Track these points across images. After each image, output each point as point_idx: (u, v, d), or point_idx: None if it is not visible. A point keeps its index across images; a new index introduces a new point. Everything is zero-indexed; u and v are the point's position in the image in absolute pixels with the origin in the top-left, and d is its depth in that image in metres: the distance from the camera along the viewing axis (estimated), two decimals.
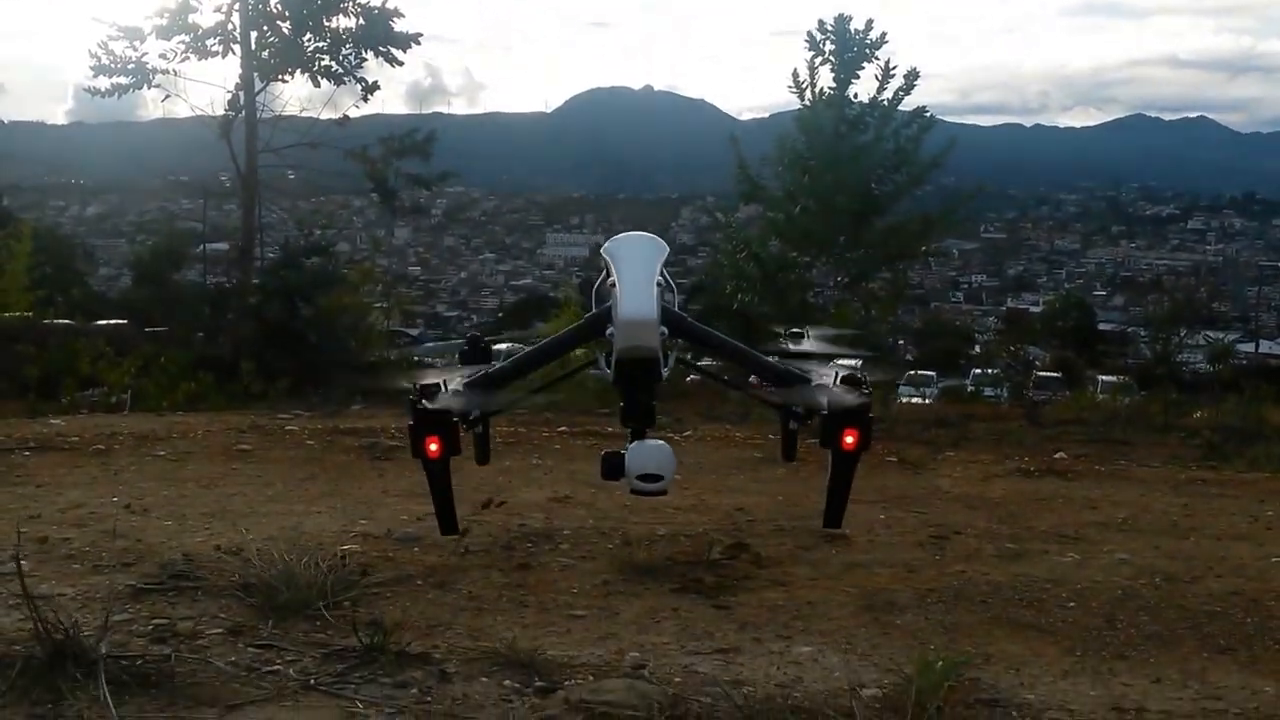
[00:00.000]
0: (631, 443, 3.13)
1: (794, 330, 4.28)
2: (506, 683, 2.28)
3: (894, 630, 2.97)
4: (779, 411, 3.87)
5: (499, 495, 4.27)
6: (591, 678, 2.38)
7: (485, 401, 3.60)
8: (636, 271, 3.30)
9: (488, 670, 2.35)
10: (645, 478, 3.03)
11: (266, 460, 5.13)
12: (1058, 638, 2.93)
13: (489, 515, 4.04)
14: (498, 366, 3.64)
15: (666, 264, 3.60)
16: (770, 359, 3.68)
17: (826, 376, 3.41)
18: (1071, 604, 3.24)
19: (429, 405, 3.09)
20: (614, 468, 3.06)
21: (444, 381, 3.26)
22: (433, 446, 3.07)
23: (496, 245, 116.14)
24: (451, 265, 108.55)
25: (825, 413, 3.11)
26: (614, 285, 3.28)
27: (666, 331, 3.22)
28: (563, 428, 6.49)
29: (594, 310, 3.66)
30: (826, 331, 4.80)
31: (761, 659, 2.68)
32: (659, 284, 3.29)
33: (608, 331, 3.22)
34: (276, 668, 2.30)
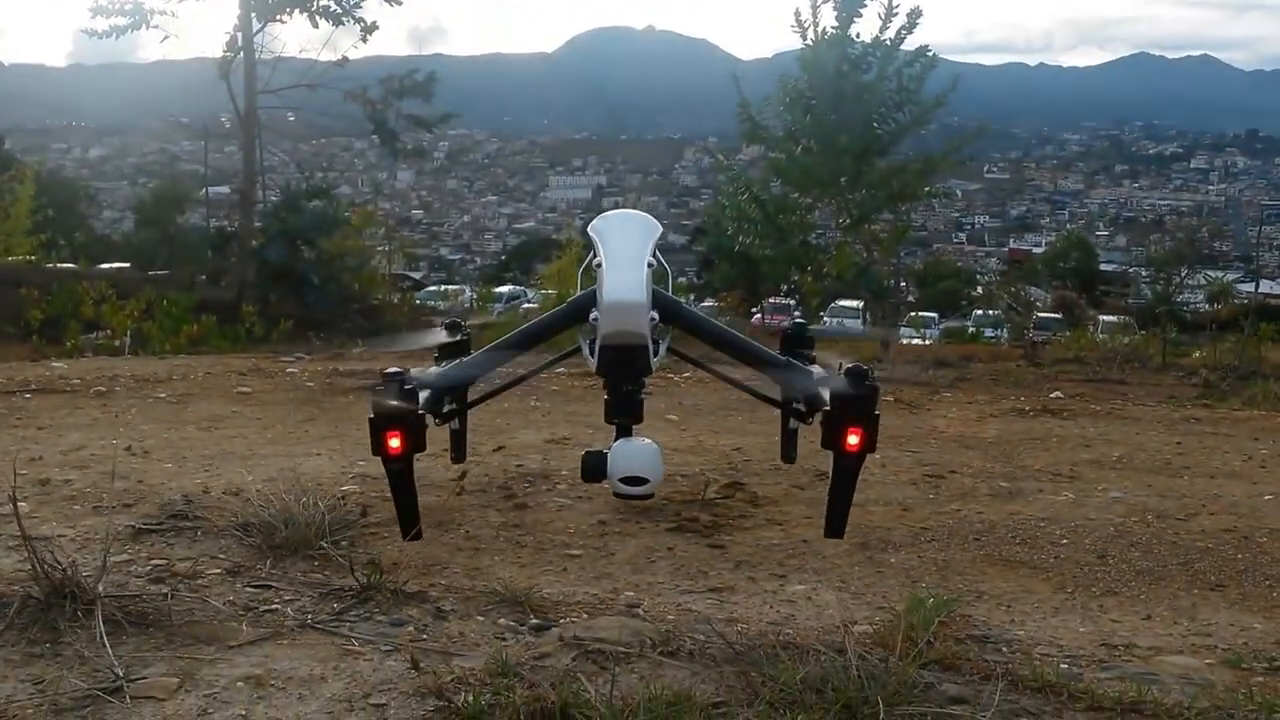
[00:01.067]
0: (616, 440, 2.88)
1: (798, 320, 4.00)
2: (502, 621, 2.29)
3: (887, 568, 2.98)
4: (780, 409, 3.57)
5: (490, 438, 4.25)
6: (586, 615, 2.38)
7: (460, 393, 3.37)
8: (625, 252, 3.03)
9: (483, 608, 2.35)
10: (629, 481, 2.79)
11: (266, 402, 5.12)
12: (1049, 575, 2.94)
13: (487, 457, 4.05)
14: (474, 356, 3.33)
15: (659, 245, 3.29)
16: (770, 351, 3.37)
17: (830, 368, 3.09)
18: (1064, 542, 3.24)
19: (390, 399, 2.70)
20: (594, 469, 2.79)
21: (409, 370, 2.89)
22: (393, 443, 2.64)
23: (499, 188, 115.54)
24: (454, 208, 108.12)
25: (826, 409, 2.75)
26: (600, 266, 2.98)
27: (656, 317, 2.92)
28: (561, 370, 6.47)
29: (579, 292, 3.32)
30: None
31: (755, 597, 2.69)
32: (650, 265, 3.00)
33: (592, 316, 2.91)
34: (274, 607, 2.30)
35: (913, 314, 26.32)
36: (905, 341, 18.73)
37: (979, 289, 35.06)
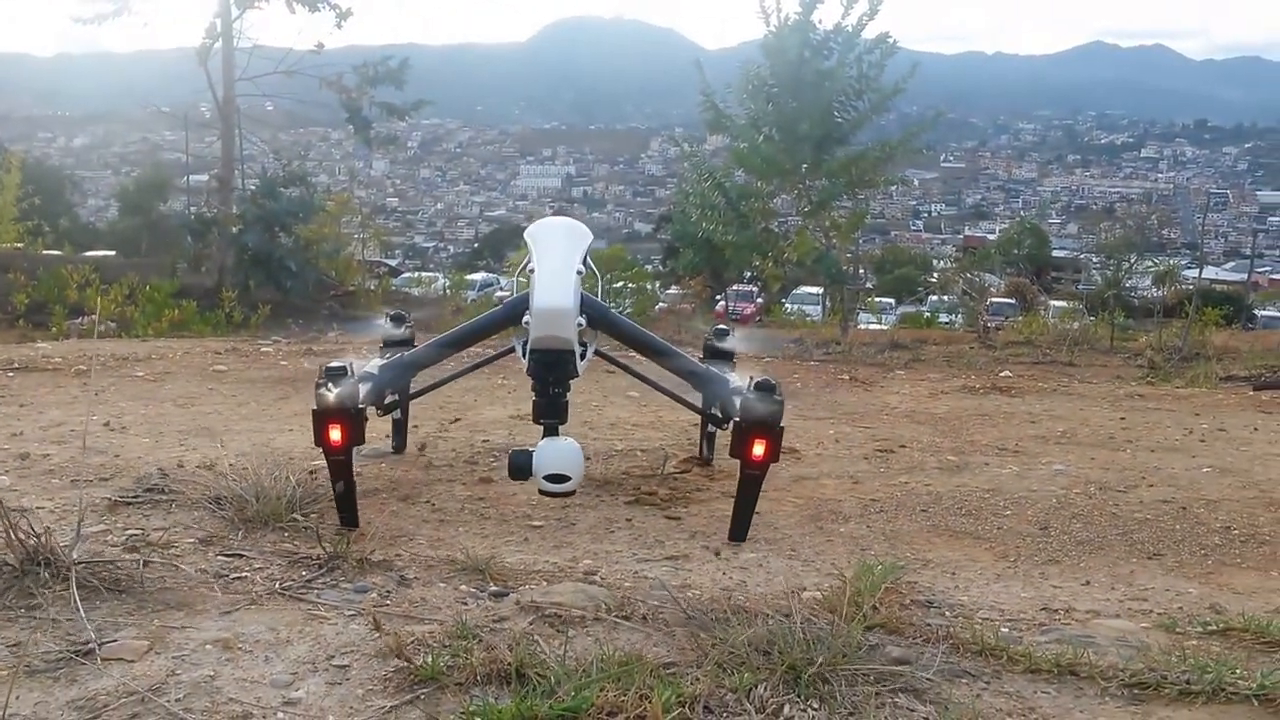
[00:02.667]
0: (541, 440, 2.86)
1: (720, 328, 3.96)
2: (463, 587, 2.30)
3: (837, 538, 3.01)
4: (698, 414, 3.59)
5: (458, 415, 4.24)
6: (545, 583, 2.40)
7: (402, 386, 3.39)
8: (555, 259, 3.03)
9: (445, 576, 2.37)
10: (552, 478, 2.76)
11: (242, 381, 5.09)
12: (993, 544, 2.98)
13: (454, 431, 4.05)
14: (415, 350, 3.34)
15: (589, 251, 3.30)
16: (690, 358, 3.36)
17: (741, 381, 3.08)
18: (1008, 512, 3.29)
19: (332, 391, 2.72)
20: (520, 468, 2.75)
21: (351, 365, 2.92)
22: (335, 435, 2.67)
23: (471, 177, 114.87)
24: (428, 196, 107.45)
25: (736, 419, 2.78)
26: (533, 271, 2.99)
27: (584, 322, 2.92)
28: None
29: (514, 295, 3.37)
30: (754, 332, 4.61)
31: (709, 565, 2.71)
32: (579, 272, 3.00)
33: (525, 319, 2.90)
34: (244, 575, 2.30)
35: (870, 299, 26.39)
36: (863, 326, 18.81)
37: (935, 275, 35.28)
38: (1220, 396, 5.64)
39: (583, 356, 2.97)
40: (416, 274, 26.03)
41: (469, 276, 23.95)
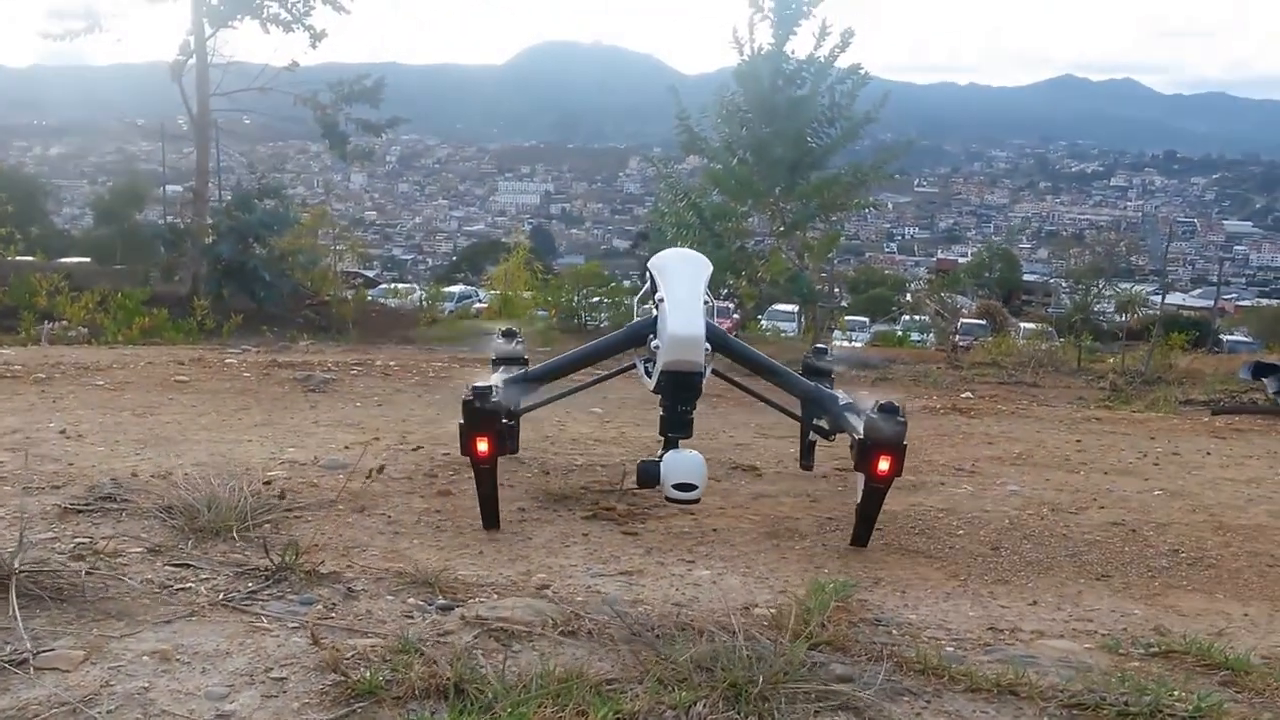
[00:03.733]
0: (666, 452, 3.07)
1: (819, 347, 4.27)
2: (411, 600, 2.28)
3: (792, 555, 3.01)
4: (800, 424, 3.83)
5: (420, 428, 4.20)
6: (496, 596, 2.38)
7: (525, 399, 3.56)
8: (683, 289, 3.29)
9: (394, 589, 2.34)
10: (681, 487, 2.96)
11: (203, 390, 5.03)
12: (944, 563, 2.98)
13: (412, 444, 4.01)
14: (540, 366, 3.57)
15: (708, 281, 3.57)
16: (798, 376, 3.64)
17: (864, 403, 3.32)
18: (961, 532, 3.29)
19: (482, 406, 2.94)
20: (649, 476, 2.98)
21: (496, 385, 3.14)
22: (482, 446, 2.92)
23: (450, 192, 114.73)
24: (406, 210, 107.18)
25: (860, 438, 3.01)
26: (661, 300, 3.25)
27: (710, 348, 3.19)
28: None
29: (636, 319, 3.62)
30: (848, 352, 4.82)
31: (663, 580, 2.70)
32: (706, 302, 3.29)
33: (652, 343, 3.20)
34: (190, 585, 2.27)
35: (841, 318, 26.57)
36: (836, 344, 18.88)
37: (909, 296, 35.59)
38: (1175, 421, 5.69)
39: (703, 377, 3.18)
40: (393, 285, 25.95)
41: (447, 289, 23.91)
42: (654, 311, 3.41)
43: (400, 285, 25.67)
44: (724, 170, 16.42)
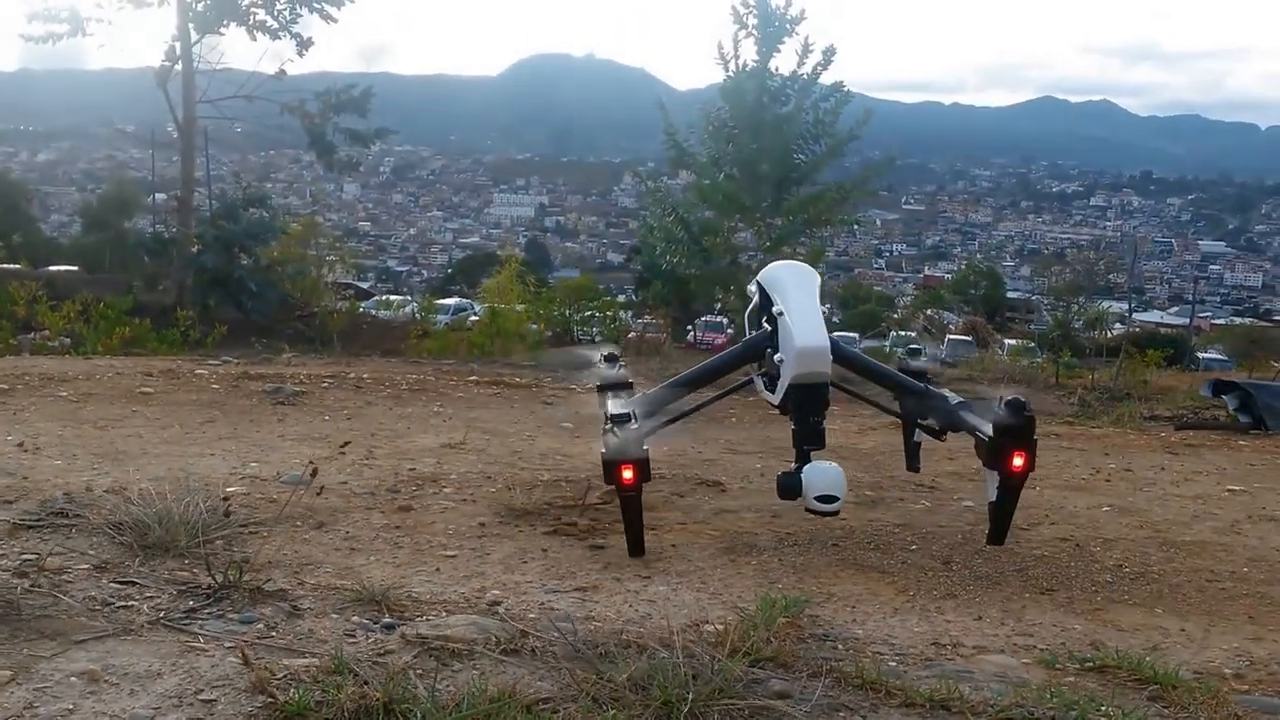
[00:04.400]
0: (803, 464, 3.10)
1: (913, 347, 4.27)
2: (355, 619, 2.25)
3: (748, 570, 2.99)
4: (903, 422, 3.89)
5: (388, 442, 4.18)
6: (446, 614, 2.35)
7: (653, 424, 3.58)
8: (806, 302, 3.29)
9: (340, 607, 2.32)
10: (823, 499, 3.01)
11: (168, 403, 4.97)
12: (896, 578, 2.98)
13: (380, 460, 3.98)
14: (664, 389, 3.52)
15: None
16: (914, 381, 3.65)
17: (954, 397, 3.44)
18: (914, 547, 3.29)
19: (620, 437, 2.97)
20: (791, 488, 3.04)
21: (634, 412, 3.17)
22: (627, 475, 2.93)
23: (444, 203, 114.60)
24: (400, 221, 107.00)
25: (992, 435, 3.05)
26: (781, 314, 3.24)
27: (832, 358, 3.22)
28: (473, 377, 6.42)
29: (750, 335, 3.62)
30: (937, 350, 4.84)
31: (618, 597, 2.68)
32: (824, 313, 3.31)
33: (776, 358, 3.20)
34: (132, 603, 2.24)
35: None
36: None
37: (898, 312, 35.83)
38: (1132, 437, 5.70)
39: None
40: (385, 298, 25.86)
41: (442, 301, 23.78)
42: (766, 326, 3.42)
43: (393, 297, 25.58)
44: (711, 185, 16.48)
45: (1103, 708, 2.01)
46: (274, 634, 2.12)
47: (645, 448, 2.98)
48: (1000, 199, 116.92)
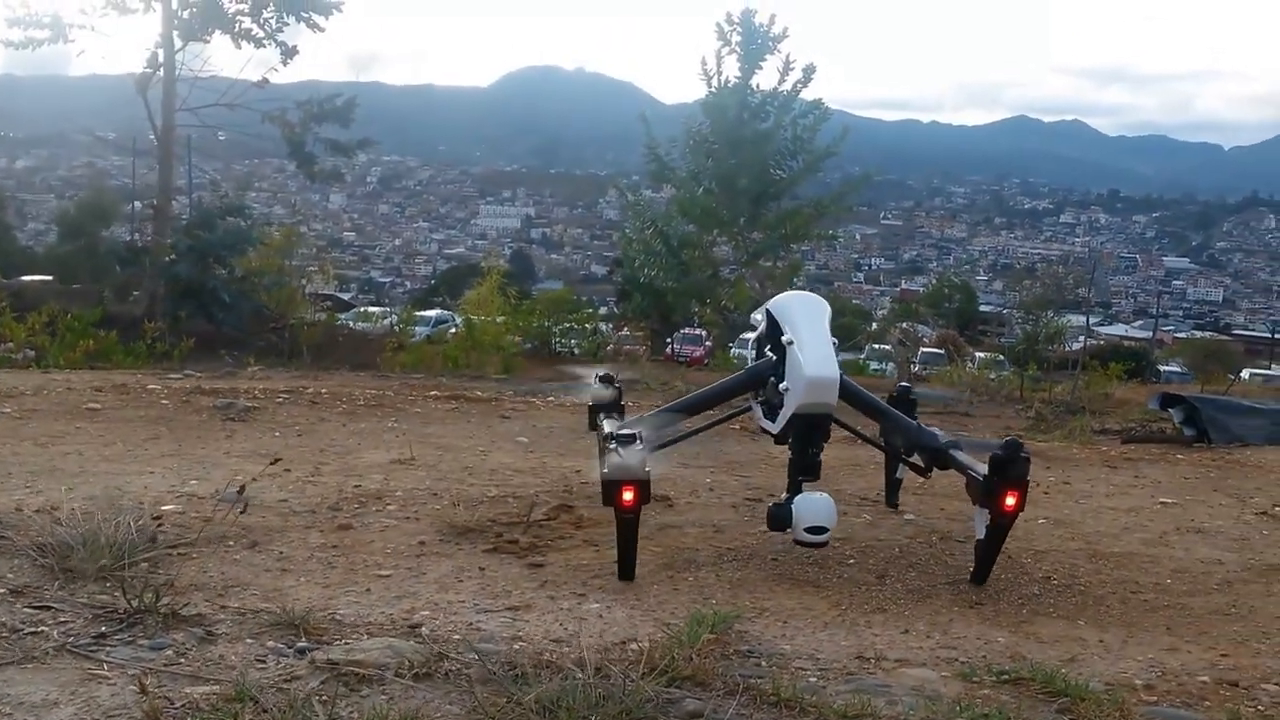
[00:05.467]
0: (794, 494, 3.08)
1: (904, 385, 4.32)
2: (270, 643, 2.19)
3: (684, 586, 2.96)
4: (888, 456, 3.88)
5: (336, 458, 4.10)
6: (366, 636, 2.31)
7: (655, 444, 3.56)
8: (815, 333, 3.27)
9: (257, 631, 2.26)
10: (813, 530, 2.99)
11: (114, 420, 4.87)
12: (830, 593, 2.96)
13: (325, 477, 3.92)
14: (666, 412, 3.50)
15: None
16: (908, 419, 3.61)
17: (948, 436, 3.42)
18: (851, 561, 3.27)
19: (624, 457, 2.93)
20: (781, 520, 3.01)
21: (640, 433, 3.11)
22: (627, 496, 2.89)
23: (430, 214, 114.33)
24: (386, 232, 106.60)
25: (985, 476, 3.04)
26: (791, 343, 3.21)
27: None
28: (433, 391, 6.36)
29: (754, 363, 3.59)
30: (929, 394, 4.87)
31: (549, 615, 2.64)
32: (834, 344, 3.28)
33: (781, 386, 3.18)
34: (43, 629, 2.17)
35: None
36: None
37: (874, 325, 36.05)
38: (1074, 451, 5.70)
39: None
40: (364, 309, 25.69)
41: (423, 313, 23.60)
42: (770, 355, 3.39)
43: (373, 309, 25.39)
44: (690, 199, 16.53)
45: None
46: (182, 660, 2.06)
47: (648, 469, 2.93)
48: (975, 215, 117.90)
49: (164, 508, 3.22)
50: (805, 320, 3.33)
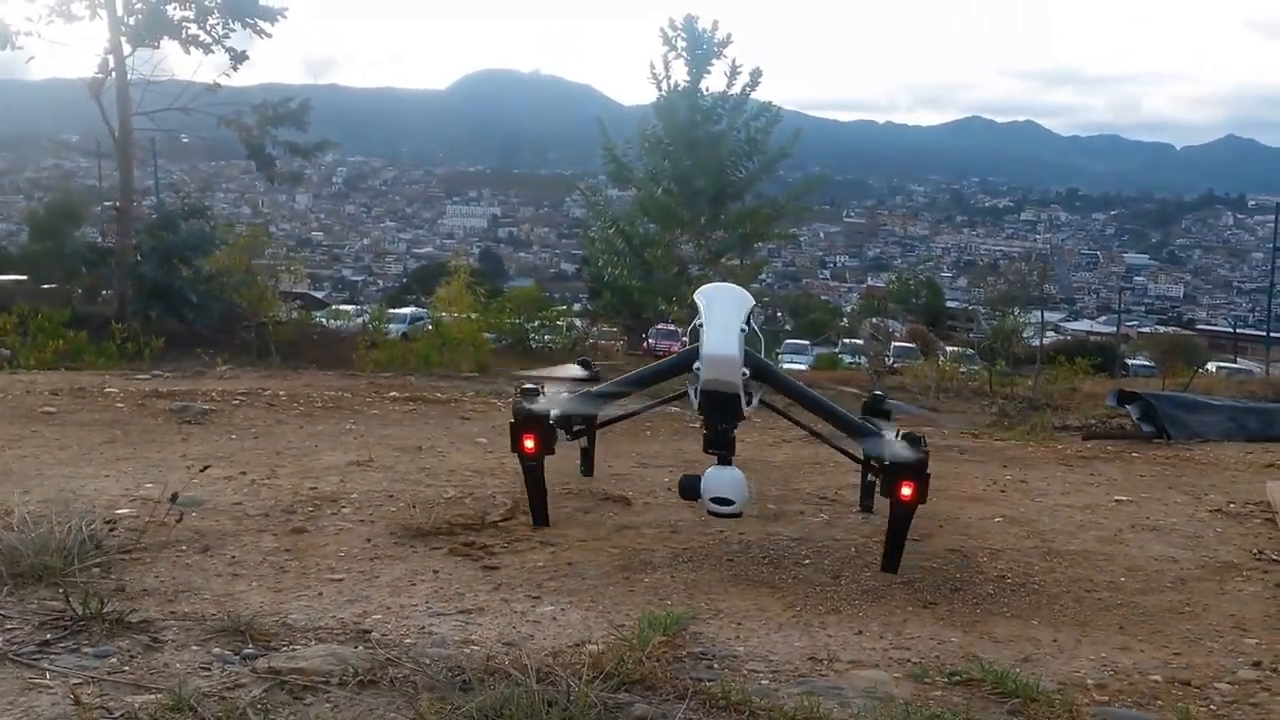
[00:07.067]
0: (711, 468, 3.16)
1: (878, 394, 4.39)
2: (216, 650, 2.16)
3: (640, 588, 2.94)
4: (859, 464, 3.89)
5: (293, 461, 4.04)
6: (315, 642, 2.27)
7: (585, 414, 3.69)
8: (723, 316, 3.40)
9: (203, 638, 2.22)
10: (718, 501, 3.07)
11: (70, 423, 4.78)
12: (785, 593, 2.95)
13: (281, 479, 3.86)
14: (599, 388, 3.66)
15: (752, 315, 3.65)
16: (842, 410, 3.66)
17: (889, 432, 3.47)
18: (807, 561, 3.26)
19: (529, 406, 3.13)
20: (690, 489, 3.12)
21: (543, 386, 3.32)
22: (529, 444, 3.07)
23: (397, 214, 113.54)
24: (354, 232, 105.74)
25: (886, 465, 3.12)
26: (701, 326, 3.37)
27: (749, 372, 3.27)
28: (393, 392, 6.29)
29: (688, 347, 3.70)
30: (901, 405, 5.00)
31: (502, 619, 2.61)
32: (743, 330, 3.37)
33: (695, 366, 3.28)
34: None
35: (787, 340, 27.12)
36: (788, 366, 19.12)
37: (844, 321, 36.31)
38: (1031, 449, 5.73)
39: (749, 402, 3.31)
40: (337, 307, 25.42)
41: (398, 310, 23.45)
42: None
43: (347, 307, 25.13)
44: (649, 199, 16.54)
45: None
46: (126, 668, 2.02)
47: (550, 422, 3.11)
48: (936, 213, 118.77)
49: (117, 512, 3.16)
50: (717, 307, 3.48)
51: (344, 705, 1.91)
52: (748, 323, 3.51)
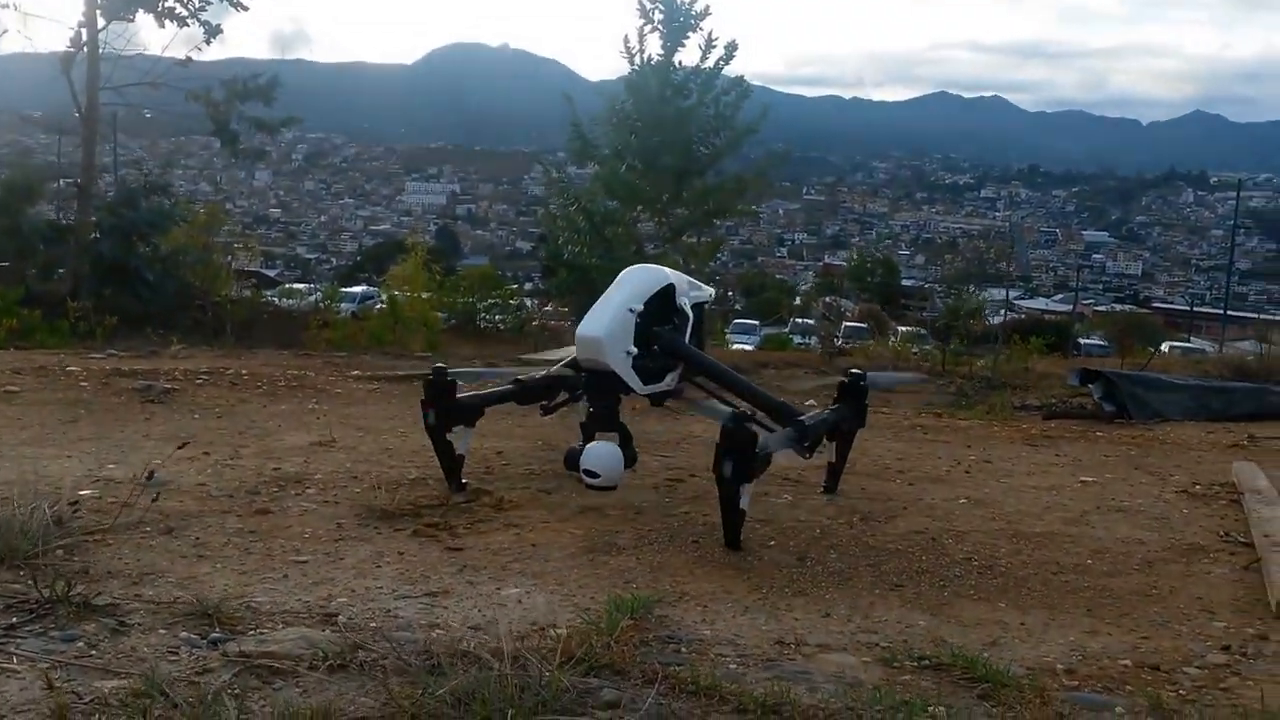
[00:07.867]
0: (593, 443, 3.35)
1: (854, 371, 4.31)
2: (184, 634, 2.14)
3: (605, 571, 2.95)
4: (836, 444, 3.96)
5: (256, 441, 4.03)
6: (283, 626, 2.26)
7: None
8: (611, 295, 3.49)
9: (170, 621, 2.21)
10: (588, 473, 3.28)
11: (32, 402, 4.71)
12: (750, 576, 2.96)
13: (245, 460, 3.83)
14: (502, 369, 3.89)
15: (672, 294, 3.69)
16: (761, 389, 3.76)
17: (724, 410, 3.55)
18: (772, 543, 3.28)
19: (436, 379, 3.41)
20: (571, 459, 3.35)
21: (447, 366, 3.56)
22: (430, 418, 3.34)
23: (356, 191, 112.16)
24: (312, 209, 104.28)
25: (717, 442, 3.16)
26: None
27: (634, 351, 3.35)
28: (355, 371, 6.25)
29: None
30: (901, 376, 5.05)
31: (468, 601, 2.61)
32: (631, 310, 3.42)
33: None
34: None
35: (736, 320, 27.07)
36: (736, 347, 19.12)
37: (798, 299, 36.24)
38: (995, 428, 5.78)
39: (657, 381, 3.46)
40: (288, 286, 25.07)
41: (349, 289, 23.20)
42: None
43: (297, 285, 24.80)
44: (613, 176, 16.42)
45: (930, 708, 2.00)
46: (94, 653, 2.00)
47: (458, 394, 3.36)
48: (896, 190, 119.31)
49: (81, 492, 3.13)
50: (613, 287, 3.60)
51: (313, 690, 1.91)
52: (645, 302, 3.54)
